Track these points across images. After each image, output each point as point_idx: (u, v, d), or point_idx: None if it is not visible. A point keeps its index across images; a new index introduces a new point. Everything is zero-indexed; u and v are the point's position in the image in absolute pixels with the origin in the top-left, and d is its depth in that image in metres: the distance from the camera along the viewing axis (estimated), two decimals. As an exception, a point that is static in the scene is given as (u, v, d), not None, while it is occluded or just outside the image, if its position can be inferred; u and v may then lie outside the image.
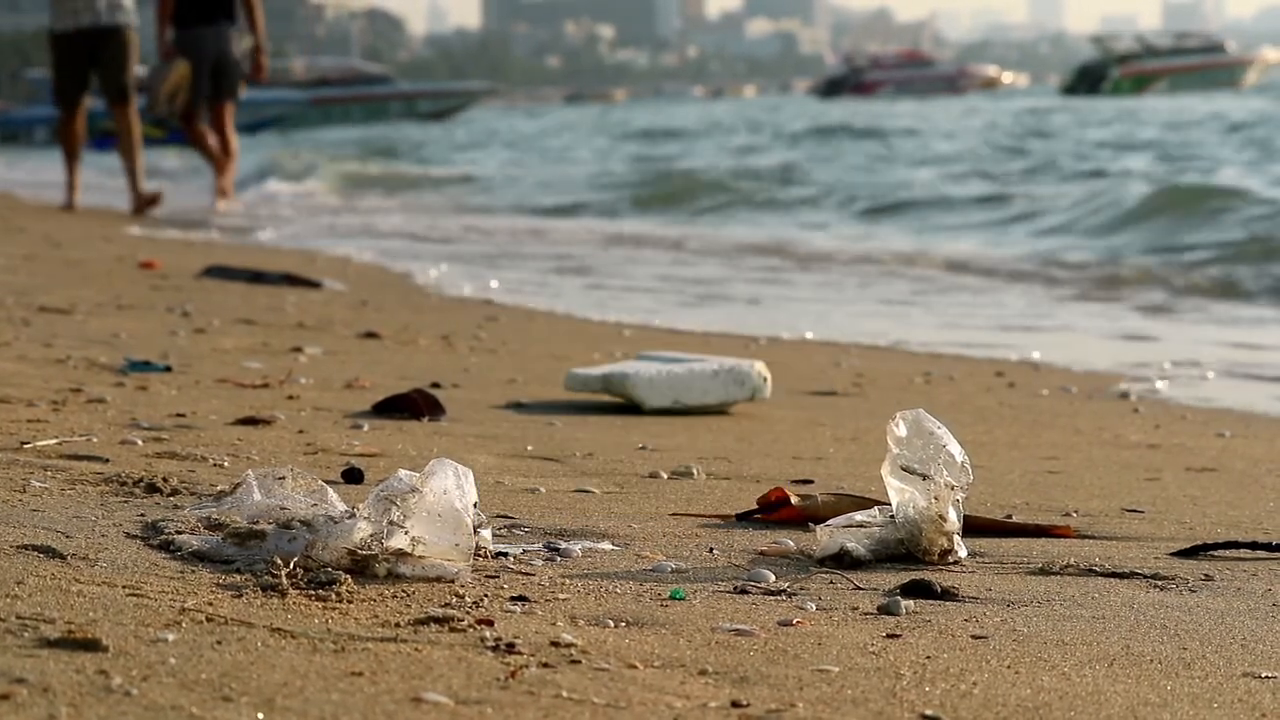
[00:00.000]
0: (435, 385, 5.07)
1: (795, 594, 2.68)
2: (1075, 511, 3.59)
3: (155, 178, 20.80)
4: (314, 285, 8.74)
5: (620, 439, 4.39)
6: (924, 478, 2.94)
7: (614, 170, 27.11)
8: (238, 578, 2.51)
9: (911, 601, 2.63)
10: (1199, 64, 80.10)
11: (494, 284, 10.24)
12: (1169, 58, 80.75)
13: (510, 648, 2.21)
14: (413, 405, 4.54)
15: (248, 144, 25.95)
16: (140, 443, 3.75)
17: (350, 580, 2.48)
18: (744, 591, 2.67)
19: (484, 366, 5.91)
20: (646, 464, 3.99)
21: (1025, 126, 36.98)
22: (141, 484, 3.22)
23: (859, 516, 3.00)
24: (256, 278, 8.77)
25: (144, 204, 15.27)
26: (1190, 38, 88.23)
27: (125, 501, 3.08)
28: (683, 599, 2.58)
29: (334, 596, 2.42)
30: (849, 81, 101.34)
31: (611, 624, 2.40)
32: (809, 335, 8.12)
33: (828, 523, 2.99)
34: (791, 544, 3.01)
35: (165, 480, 3.25)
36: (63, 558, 2.56)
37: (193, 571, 2.55)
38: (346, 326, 6.92)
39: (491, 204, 22.16)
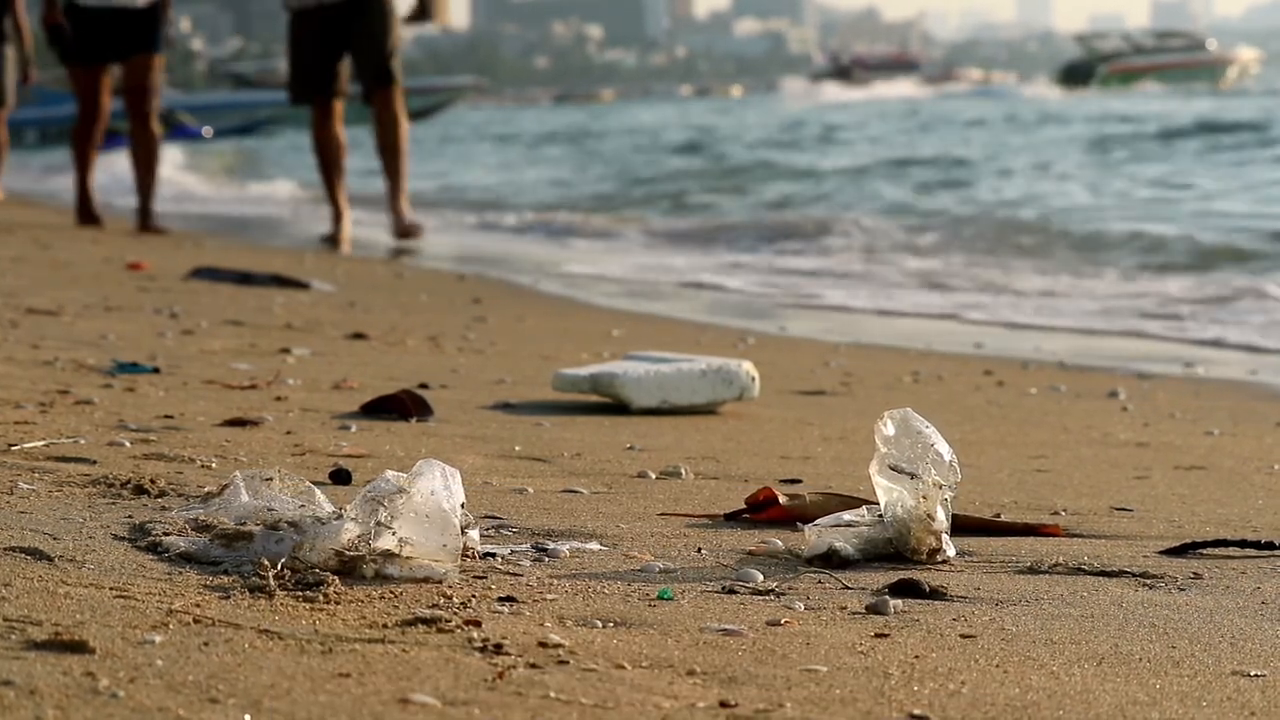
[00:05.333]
0: (423, 386, 5.06)
1: (783, 594, 2.68)
2: (1064, 510, 3.59)
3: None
4: (302, 286, 8.72)
5: (608, 439, 4.39)
6: (912, 477, 2.94)
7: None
8: (225, 579, 2.51)
9: (900, 601, 2.63)
10: (1182, 61, 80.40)
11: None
12: (1154, 55, 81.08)
13: (498, 648, 2.20)
14: (401, 406, 4.54)
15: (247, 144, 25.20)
16: (128, 444, 3.74)
17: (337, 581, 2.48)
18: (732, 591, 2.67)
19: (472, 367, 5.90)
20: (634, 464, 3.98)
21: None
22: (129, 485, 3.21)
23: (847, 516, 3.00)
24: (245, 279, 8.75)
25: (405, 233, 12.34)
26: (1174, 36, 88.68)
27: (113, 503, 3.07)
28: (671, 599, 2.58)
29: (321, 598, 2.41)
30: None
31: (599, 624, 2.40)
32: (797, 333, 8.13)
33: (816, 522, 2.99)
34: (780, 544, 3.00)
35: (153, 482, 3.24)
36: (50, 560, 2.55)
37: (180, 573, 2.54)
38: (334, 327, 6.91)
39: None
